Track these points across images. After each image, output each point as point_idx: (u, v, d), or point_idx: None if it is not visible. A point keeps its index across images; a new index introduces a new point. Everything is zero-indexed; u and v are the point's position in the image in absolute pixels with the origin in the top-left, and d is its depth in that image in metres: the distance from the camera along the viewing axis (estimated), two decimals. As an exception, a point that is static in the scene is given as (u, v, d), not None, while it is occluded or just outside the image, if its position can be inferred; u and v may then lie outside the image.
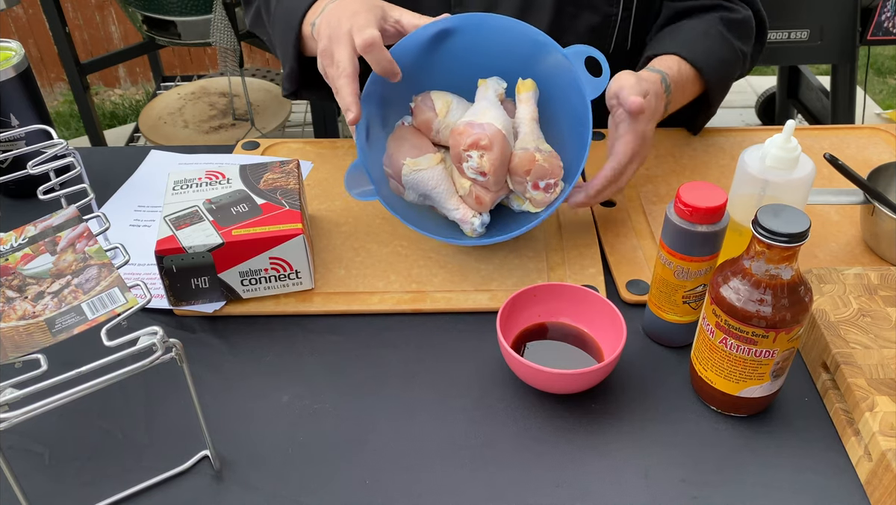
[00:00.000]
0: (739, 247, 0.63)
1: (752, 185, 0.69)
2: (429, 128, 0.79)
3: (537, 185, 0.75)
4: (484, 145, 0.72)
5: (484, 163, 0.73)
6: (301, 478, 0.61)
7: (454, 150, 0.74)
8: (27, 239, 0.60)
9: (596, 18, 0.93)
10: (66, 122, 2.85)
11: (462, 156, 0.74)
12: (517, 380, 0.68)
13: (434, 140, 0.80)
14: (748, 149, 0.72)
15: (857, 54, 1.86)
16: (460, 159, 0.74)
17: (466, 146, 0.73)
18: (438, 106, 0.78)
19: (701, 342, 0.64)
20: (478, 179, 0.75)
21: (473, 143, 0.72)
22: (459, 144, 0.73)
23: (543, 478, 0.60)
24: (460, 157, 0.74)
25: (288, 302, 0.75)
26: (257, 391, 0.68)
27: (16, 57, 0.86)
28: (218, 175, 0.79)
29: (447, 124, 0.78)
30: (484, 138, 0.72)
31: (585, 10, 0.92)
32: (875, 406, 0.59)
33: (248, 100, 2.13)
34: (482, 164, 0.73)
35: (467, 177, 0.75)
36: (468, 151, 0.73)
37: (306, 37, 0.85)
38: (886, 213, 0.76)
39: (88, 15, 2.86)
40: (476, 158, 0.73)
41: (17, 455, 0.62)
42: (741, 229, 0.71)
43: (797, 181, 0.68)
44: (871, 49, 2.38)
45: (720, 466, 0.61)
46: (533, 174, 0.74)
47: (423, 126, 0.79)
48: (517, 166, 0.74)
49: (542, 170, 0.74)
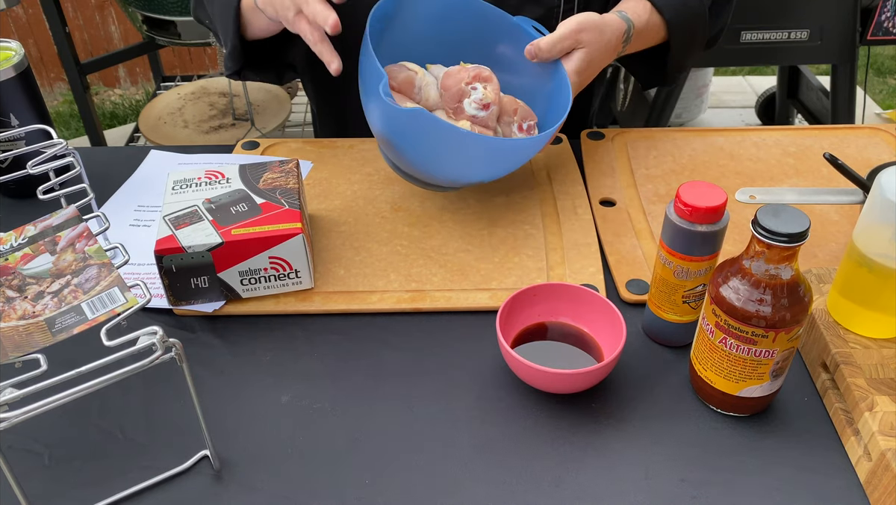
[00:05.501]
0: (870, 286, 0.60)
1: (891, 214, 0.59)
2: (411, 84, 0.80)
3: (521, 126, 0.80)
4: (486, 76, 0.78)
5: (489, 93, 0.77)
6: (301, 478, 0.61)
7: (453, 88, 0.78)
8: (27, 239, 0.60)
9: (539, 10, 0.93)
10: (66, 122, 2.85)
11: (465, 90, 0.77)
12: (517, 380, 0.68)
13: (415, 98, 0.81)
14: (887, 170, 0.61)
15: (857, 54, 1.86)
16: (461, 96, 0.77)
17: (469, 79, 0.78)
18: (415, 67, 0.81)
19: (701, 342, 0.64)
20: (478, 116, 0.77)
21: (476, 75, 0.78)
22: (461, 80, 0.78)
23: (543, 478, 0.60)
24: (461, 94, 0.77)
25: (288, 301, 0.75)
26: (257, 391, 0.68)
27: (16, 57, 0.86)
28: (217, 175, 0.79)
29: (430, 80, 0.80)
30: (485, 70, 0.79)
31: (528, 3, 0.93)
32: (874, 406, 0.59)
33: (248, 100, 2.13)
34: (487, 95, 0.77)
35: (466, 116, 0.78)
36: (471, 84, 0.77)
37: (247, 10, 0.85)
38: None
39: (88, 15, 2.86)
40: (481, 90, 0.77)
41: (17, 455, 0.62)
42: (872, 265, 0.61)
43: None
44: (871, 49, 2.39)
45: (720, 465, 0.61)
46: (519, 115, 0.80)
47: (405, 85, 0.80)
48: (506, 106, 0.80)
49: (526, 111, 0.81)
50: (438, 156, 0.76)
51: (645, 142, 0.99)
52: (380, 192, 0.90)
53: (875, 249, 0.62)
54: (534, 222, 0.85)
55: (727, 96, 2.89)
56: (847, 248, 0.65)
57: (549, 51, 0.80)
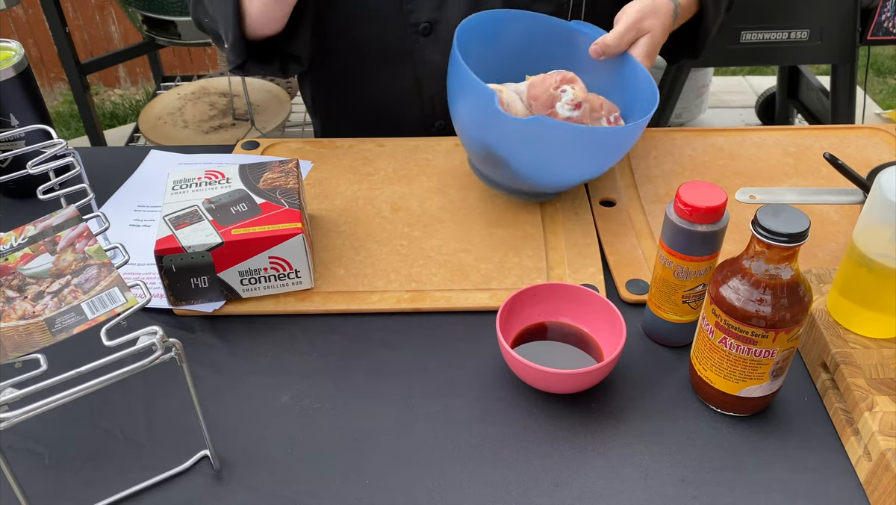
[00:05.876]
0: (870, 286, 0.60)
1: (891, 214, 0.59)
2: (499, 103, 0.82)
3: (608, 119, 0.82)
4: (570, 78, 0.80)
5: (578, 92, 0.79)
6: (301, 478, 0.61)
7: (542, 96, 0.79)
8: (27, 239, 0.60)
9: (549, 7, 0.93)
10: (66, 122, 2.85)
11: (555, 95, 0.79)
12: (517, 379, 0.68)
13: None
14: (887, 170, 0.61)
15: (857, 54, 1.86)
16: (552, 102, 0.79)
17: (557, 84, 0.79)
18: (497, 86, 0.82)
19: (700, 342, 0.64)
20: (572, 116, 0.79)
21: (562, 79, 0.80)
22: (549, 86, 0.79)
23: (543, 478, 0.60)
24: (552, 99, 0.79)
25: (287, 301, 0.75)
26: (257, 391, 0.68)
27: (16, 57, 0.86)
28: (217, 175, 0.79)
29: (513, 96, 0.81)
30: (567, 73, 0.81)
31: (536, 1, 0.93)
32: (874, 406, 0.59)
33: (248, 100, 2.13)
34: (577, 94, 0.79)
35: (560, 119, 0.79)
36: (560, 88, 0.79)
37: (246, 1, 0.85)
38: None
39: (88, 15, 2.86)
40: (570, 91, 0.79)
41: (17, 455, 0.62)
42: (872, 265, 0.62)
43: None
44: (871, 49, 2.39)
45: (720, 465, 0.61)
46: (605, 108, 0.81)
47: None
48: (593, 102, 0.81)
49: (609, 104, 0.82)
50: (554, 161, 0.78)
51: (645, 142, 0.99)
52: (380, 192, 0.90)
53: (875, 249, 0.62)
54: (534, 222, 0.85)
55: (727, 96, 2.89)
56: (847, 249, 0.65)
57: (618, 45, 0.82)
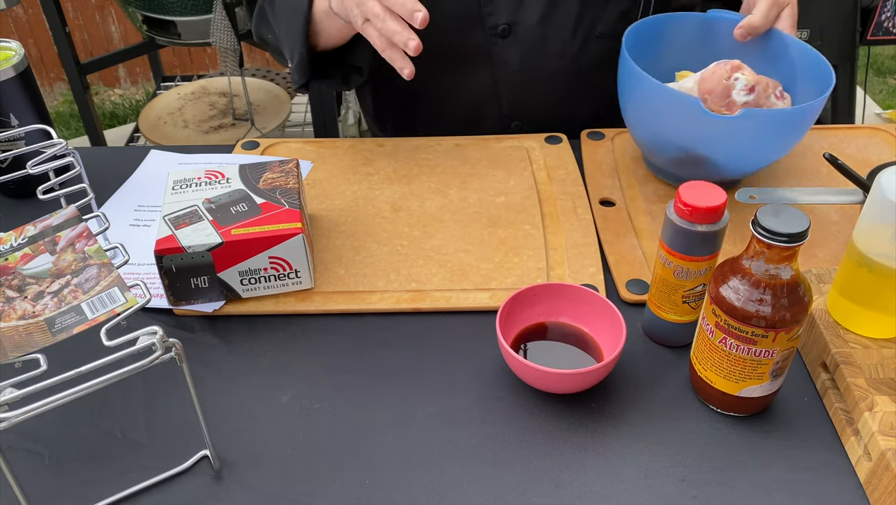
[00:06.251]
0: (870, 286, 0.60)
1: (891, 214, 0.59)
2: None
3: (776, 95, 0.83)
4: (738, 65, 0.82)
5: (749, 76, 0.81)
6: (301, 478, 0.61)
7: (717, 88, 0.81)
8: (27, 239, 0.60)
9: (624, 3, 0.94)
10: (66, 122, 2.85)
11: (729, 84, 0.81)
12: (517, 380, 0.68)
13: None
14: (887, 170, 0.61)
15: (857, 54, 1.86)
16: (727, 91, 0.81)
17: (728, 73, 0.81)
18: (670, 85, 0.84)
19: (700, 342, 0.64)
20: (749, 101, 0.81)
21: (731, 67, 0.81)
22: (721, 77, 0.81)
23: (543, 478, 0.60)
24: (727, 89, 0.81)
25: (287, 301, 0.75)
26: (257, 391, 0.68)
27: (16, 57, 0.86)
28: (217, 175, 0.79)
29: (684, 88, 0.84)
30: (733, 61, 0.82)
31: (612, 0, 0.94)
32: (874, 406, 0.59)
33: (248, 100, 2.13)
34: (749, 78, 0.81)
35: (738, 105, 0.80)
36: (733, 76, 0.81)
37: (321, 16, 0.84)
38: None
39: (88, 15, 2.86)
40: (742, 77, 0.81)
41: (17, 455, 0.62)
42: (872, 265, 0.62)
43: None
44: (871, 49, 2.38)
45: (720, 465, 0.61)
46: (771, 86, 0.83)
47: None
48: (760, 82, 0.82)
49: (773, 81, 0.84)
50: (755, 149, 0.81)
51: (645, 142, 0.99)
52: (380, 192, 0.90)
53: (875, 249, 0.62)
54: (534, 222, 0.85)
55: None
56: (847, 249, 0.65)
57: (765, 24, 0.84)
